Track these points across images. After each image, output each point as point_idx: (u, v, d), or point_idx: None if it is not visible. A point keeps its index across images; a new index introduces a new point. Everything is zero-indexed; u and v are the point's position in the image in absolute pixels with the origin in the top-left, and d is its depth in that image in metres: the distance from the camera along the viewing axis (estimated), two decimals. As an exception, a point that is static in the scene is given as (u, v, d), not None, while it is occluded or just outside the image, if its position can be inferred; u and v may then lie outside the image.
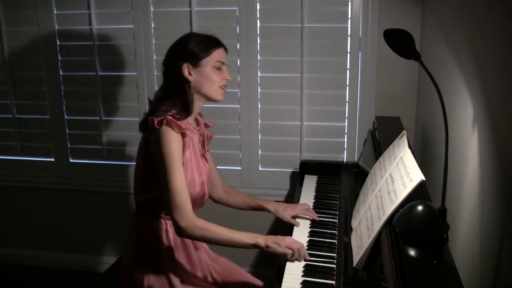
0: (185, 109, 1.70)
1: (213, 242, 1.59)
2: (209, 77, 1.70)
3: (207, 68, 1.70)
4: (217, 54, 1.72)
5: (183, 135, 1.63)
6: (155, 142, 1.61)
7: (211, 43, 1.72)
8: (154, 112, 1.68)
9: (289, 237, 1.67)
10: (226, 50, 1.76)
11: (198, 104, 1.75)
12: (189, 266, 1.76)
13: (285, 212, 1.90)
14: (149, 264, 1.72)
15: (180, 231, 1.57)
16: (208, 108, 2.57)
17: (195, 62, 1.69)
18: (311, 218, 1.89)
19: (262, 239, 1.59)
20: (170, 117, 1.62)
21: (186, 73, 1.68)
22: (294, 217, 1.91)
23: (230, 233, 1.59)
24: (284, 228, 1.89)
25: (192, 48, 1.69)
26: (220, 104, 2.54)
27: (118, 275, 1.83)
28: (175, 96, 1.70)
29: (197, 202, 1.76)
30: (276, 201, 1.99)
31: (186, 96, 1.69)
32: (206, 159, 1.81)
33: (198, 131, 1.79)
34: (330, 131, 2.53)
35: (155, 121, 1.60)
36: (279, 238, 1.61)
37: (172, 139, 1.59)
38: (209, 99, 1.75)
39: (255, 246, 1.58)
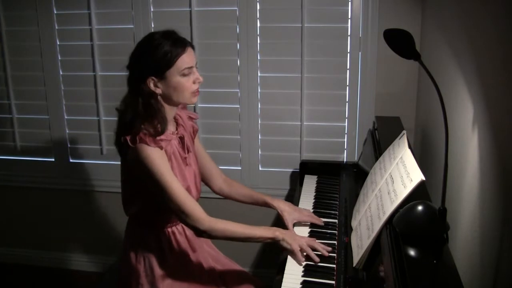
0: (158, 124, 1.58)
1: (232, 239, 1.61)
2: (177, 86, 1.58)
3: (174, 78, 1.57)
4: (182, 61, 1.57)
5: (160, 148, 1.57)
6: (137, 162, 1.55)
7: (174, 50, 1.56)
8: (124, 128, 1.59)
9: (305, 237, 1.70)
10: (193, 48, 1.62)
11: (172, 111, 1.67)
12: (187, 269, 1.75)
13: (291, 215, 1.84)
14: (144, 274, 1.70)
15: (201, 234, 1.59)
16: (208, 108, 2.58)
17: (160, 75, 1.56)
18: (315, 221, 1.85)
19: (280, 233, 1.63)
20: (143, 133, 1.55)
21: (152, 87, 1.57)
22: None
23: (248, 230, 1.61)
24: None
25: (153, 60, 1.55)
26: (220, 104, 2.57)
27: (117, 276, 1.83)
28: (144, 113, 1.58)
29: None
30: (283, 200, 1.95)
31: (156, 110, 1.59)
32: (187, 163, 1.73)
33: (177, 133, 1.71)
34: (330, 131, 2.53)
35: (128, 140, 1.55)
36: (296, 236, 1.65)
37: (152, 155, 1.53)
38: (182, 105, 1.71)
39: (272, 239, 1.62)
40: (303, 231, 1.81)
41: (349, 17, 2.38)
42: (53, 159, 2.85)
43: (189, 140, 1.78)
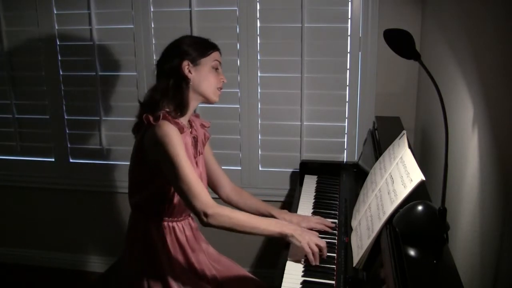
0: (180, 108, 1.69)
1: (238, 229, 1.54)
2: (207, 77, 1.72)
3: (206, 68, 1.72)
4: (215, 55, 1.76)
5: (180, 131, 1.63)
6: (154, 140, 1.58)
7: (208, 44, 1.77)
8: (146, 111, 1.66)
9: (315, 234, 1.62)
10: (220, 53, 1.80)
11: (193, 104, 1.75)
12: (188, 266, 1.76)
13: (300, 224, 1.78)
14: (147, 268, 1.71)
15: (207, 218, 1.51)
16: (208, 108, 2.57)
17: (195, 60, 1.71)
18: (326, 228, 1.81)
19: (288, 229, 1.56)
20: (166, 113, 1.63)
21: (186, 70, 1.69)
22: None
23: (256, 220, 1.56)
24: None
25: (191, 47, 1.72)
26: (220, 104, 2.56)
27: (118, 276, 1.83)
28: (172, 94, 1.69)
29: None
30: (288, 212, 1.90)
31: (183, 94, 1.70)
32: (196, 163, 1.78)
33: (191, 133, 1.78)
34: (330, 131, 2.53)
35: (150, 118, 1.61)
36: (305, 232, 1.58)
37: (172, 132, 1.58)
38: (205, 99, 1.76)
39: (279, 234, 1.56)
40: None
41: (349, 17, 2.38)
42: (53, 159, 2.85)
43: (201, 144, 1.83)
